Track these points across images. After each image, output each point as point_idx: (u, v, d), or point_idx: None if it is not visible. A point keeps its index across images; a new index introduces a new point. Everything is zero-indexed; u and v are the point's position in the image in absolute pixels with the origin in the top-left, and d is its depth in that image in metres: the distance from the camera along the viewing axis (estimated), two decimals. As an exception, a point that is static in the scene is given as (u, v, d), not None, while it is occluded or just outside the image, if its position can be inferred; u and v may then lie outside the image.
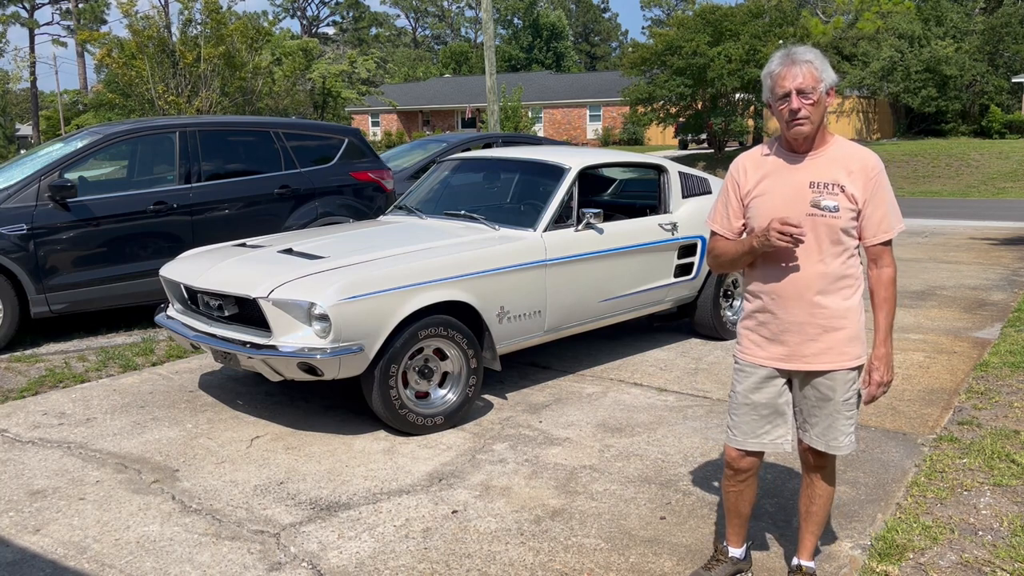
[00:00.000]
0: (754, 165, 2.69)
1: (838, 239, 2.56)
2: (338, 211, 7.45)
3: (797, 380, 2.71)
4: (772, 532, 3.30)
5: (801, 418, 2.75)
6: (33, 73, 51.71)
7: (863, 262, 2.64)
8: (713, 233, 2.79)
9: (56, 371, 5.52)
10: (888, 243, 2.61)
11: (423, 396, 4.45)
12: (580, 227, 5.10)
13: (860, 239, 2.61)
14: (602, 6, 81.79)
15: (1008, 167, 23.05)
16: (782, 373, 2.70)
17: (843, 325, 2.61)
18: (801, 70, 2.48)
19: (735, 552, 2.93)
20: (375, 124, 49.31)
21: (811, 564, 2.87)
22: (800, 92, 2.48)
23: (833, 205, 2.54)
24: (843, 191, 2.54)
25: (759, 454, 2.80)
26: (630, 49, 31.69)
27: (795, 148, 2.61)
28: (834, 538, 3.23)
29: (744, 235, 2.72)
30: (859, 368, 2.66)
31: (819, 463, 2.78)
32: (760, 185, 2.64)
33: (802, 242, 2.51)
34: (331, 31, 70.60)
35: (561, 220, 5.09)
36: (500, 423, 4.55)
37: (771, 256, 2.61)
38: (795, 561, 2.89)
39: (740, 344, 2.78)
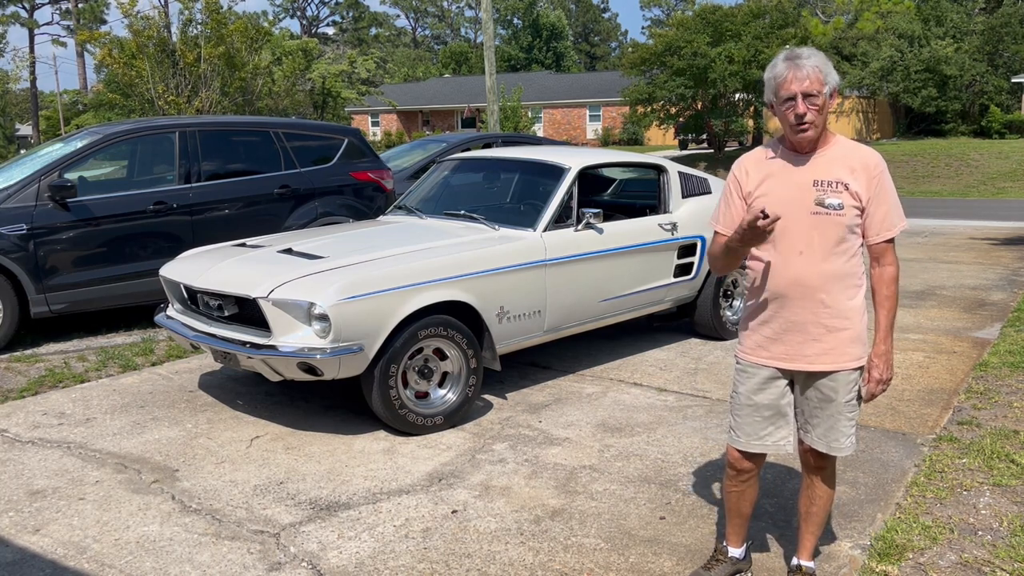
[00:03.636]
0: (756, 166, 2.68)
1: (843, 238, 2.55)
2: (338, 211, 7.45)
3: (799, 381, 2.71)
4: (772, 532, 3.30)
5: (802, 419, 2.75)
6: (33, 73, 51.71)
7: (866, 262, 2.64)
8: (716, 233, 2.78)
9: (56, 371, 5.52)
10: (891, 241, 2.61)
11: (423, 396, 4.45)
12: (580, 227, 5.10)
13: (863, 237, 2.60)
14: (602, 6, 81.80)
15: (1008, 167, 23.04)
16: (784, 374, 2.70)
17: (846, 325, 2.60)
18: (808, 74, 2.45)
19: (735, 552, 2.93)
20: (375, 124, 49.31)
21: (811, 564, 2.87)
22: (806, 96, 2.47)
23: (837, 203, 2.53)
24: (847, 189, 2.54)
25: (761, 455, 2.80)
26: (630, 49, 31.68)
27: (798, 149, 2.60)
28: (834, 538, 3.23)
29: None
30: (861, 369, 2.66)
31: (820, 464, 2.78)
32: (763, 185, 2.63)
33: (770, 216, 2.39)
34: (331, 31, 70.64)
35: (561, 220, 5.09)
36: (500, 423, 4.55)
37: (774, 254, 2.60)
38: (795, 561, 2.89)
39: (742, 344, 2.77)
